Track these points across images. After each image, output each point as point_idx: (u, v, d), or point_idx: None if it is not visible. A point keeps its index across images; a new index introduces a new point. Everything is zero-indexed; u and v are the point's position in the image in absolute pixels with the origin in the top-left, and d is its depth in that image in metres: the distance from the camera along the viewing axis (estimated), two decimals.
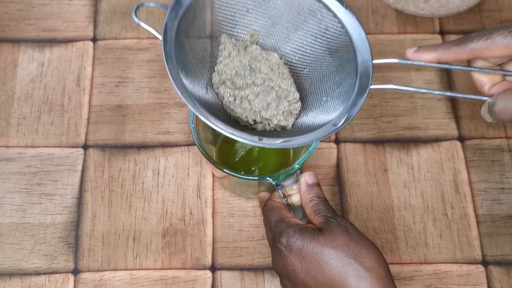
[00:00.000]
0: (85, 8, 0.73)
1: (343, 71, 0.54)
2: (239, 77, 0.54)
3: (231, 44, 0.56)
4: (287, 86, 0.55)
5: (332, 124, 0.51)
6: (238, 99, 0.54)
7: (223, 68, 0.55)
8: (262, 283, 0.60)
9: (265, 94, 0.54)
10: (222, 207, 0.63)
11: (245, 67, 0.55)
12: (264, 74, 0.55)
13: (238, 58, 0.55)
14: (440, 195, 0.64)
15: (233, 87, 0.54)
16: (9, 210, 0.62)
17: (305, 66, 0.57)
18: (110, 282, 0.59)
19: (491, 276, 0.60)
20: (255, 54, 0.55)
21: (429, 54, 0.50)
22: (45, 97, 0.68)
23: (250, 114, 0.54)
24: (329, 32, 0.54)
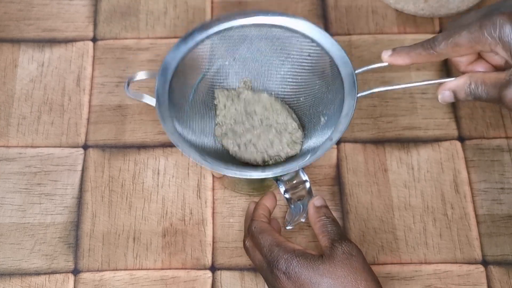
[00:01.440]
0: (85, 8, 0.73)
1: (333, 88, 0.57)
2: (238, 124, 0.59)
3: (224, 97, 0.60)
4: (284, 119, 0.58)
5: (329, 139, 0.54)
6: (243, 146, 0.58)
7: (222, 119, 0.59)
8: (262, 283, 0.60)
9: (266, 134, 0.58)
10: (222, 207, 0.63)
11: (241, 114, 0.59)
12: (260, 115, 0.59)
13: (233, 106, 0.59)
14: (440, 195, 0.64)
15: (235, 136, 0.58)
16: (9, 210, 0.62)
17: (300, 94, 0.60)
18: (110, 282, 0.59)
19: (491, 276, 0.60)
20: (248, 99, 0.59)
21: (404, 59, 0.53)
22: (45, 97, 0.68)
23: (258, 156, 0.58)
24: (312, 57, 0.58)
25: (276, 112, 0.59)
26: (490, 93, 0.50)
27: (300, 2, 0.74)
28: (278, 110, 0.59)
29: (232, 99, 0.59)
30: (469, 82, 0.51)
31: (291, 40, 0.59)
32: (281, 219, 0.62)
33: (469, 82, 0.51)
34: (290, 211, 0.55)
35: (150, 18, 0.73)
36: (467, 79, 0.51)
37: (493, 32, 0.48)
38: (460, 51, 0.50)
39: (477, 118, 0.67)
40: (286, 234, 0.62)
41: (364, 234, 0.62)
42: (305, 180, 0.54)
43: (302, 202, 0.55)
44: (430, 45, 0.51)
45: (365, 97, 0.55)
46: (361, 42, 0.71)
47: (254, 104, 0.59)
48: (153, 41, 0.71)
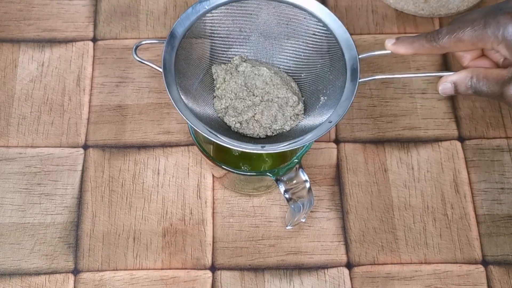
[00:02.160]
0: (85, 8, 0.73)
1: (335, 70, 0.57)
2: (239, 100, 0.58)
3: (222, 71, 0.59)
4: (284, 93, 0.58)
5: (328, 121, 0.54)
6: (244, 123, 0.57)
7: (221, 93, 0.58)
8: (262, 283, 0.60)
9: (269, 109, 0.57)
10: (222, 207, 0.63)
11: (241, 88, 0.58)
12: (261, 89, 0.58)
13: (233, 80, 0.58)
14: (440, 195, 0.64)
15: (236, 113, 0.57)
16: (9, 210, 0.62)
17: (301, 71, 0.60)
18: (110, 282, 0.59)
19: (491, 276, 0.60)
20: (247, 73, 0.59)
21: (406, 49, 0.53)
22: (45, 97, 0.68)
23: (261, 131, 0.57)
24: (317, 36, 0.58)
25: (276, 87, 0.58)
26: (491, 89, 0.50)
27: None
28: (278, 85, 0.58)
29: (231, 72, 0.59)
30: (470, 75, 0.51)
31: (298, 17, 0.58)
32: (281, 219, 0.62)
33: (470, 75, 0.51)
34: (290, 211, 0.55)
35: (150, 18, 0.73)
36: (469, 72, 0.52)
37: (496, 31, 0.48)
38: (462, 46, 0.51)
39: (477, 118, 0.67)
40: (286, 234, 0.62)
41: (364, 234, 0.62)
42: (305, 180, 0.54)
43: (302, 202, 0.55)
44: (434, 37, 0.52)
45: (366, 97, 0.55)
46: (361, 42, 0.71)
47: (254, 78, 0.58)
48: (153, 41, 0.71)
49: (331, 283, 0.60)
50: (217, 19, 0.58)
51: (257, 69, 0.59)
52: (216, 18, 0.58)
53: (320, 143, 0.66)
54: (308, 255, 0.61)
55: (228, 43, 0.60)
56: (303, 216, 0.57)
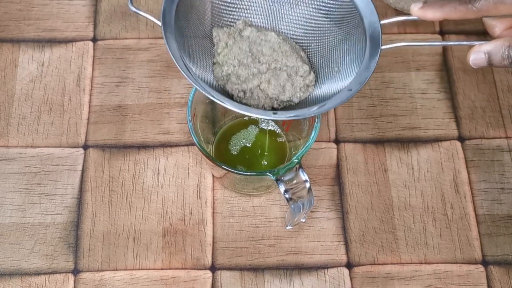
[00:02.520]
0: (85, 8, 0.73)
1: (351, 38, 0.52)
2: (242, 67, 0.53)
3: (225, 34, 0.54)
4: (294, 62, 0.53)
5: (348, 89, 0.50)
6: (248, 92, 0.52)
7: (223, 58, 0.53)
8: (262, 283, 0.60)
9: (276, 78, 0.52)
10: (222, 207, 0.63)
11: (246, 54, 0.53)
12: (268, 57, 0.53)
13: (236, 45, 0.53)
14: (440, 195, 0.64)
15: (239, 81, 0.53)
16: (9, 210, 0.62)
17: (311, 40, 0.55)
18: (110, 282, 0.59)
19: (491, 276, 0.60)
20: (253, 38, 0.54)
21: (435, 12, 0.48)
22: (45, 97, 0.68)
23: (267, 101, 0.52)
24: (332, 1, 0.53)
25: (285, 54, 0.53)
26: None
27: None
28: (287, 52, 0.53)
29: (234, 37, 0.54)
30: (508, 44, 0.46)
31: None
32: (281, 219, 0.62)
33: (508, 44, 0.46)
34: (290, 211, 0.55)
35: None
36: (506, 41, 0.46)
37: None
38: (503, 9, 0.46)
39: (477, 118, 0.67)
40: (286, 234, 0.62)
41: (364, 234, 0.62)
42: (305, 180, 0.54)
43: (302, 202, 0.55)
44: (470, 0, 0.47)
45: (366, 97, 0.55)
46: None
47: (261, 44, 0.53)
48: (153, 41, 0.71)
49: (331, 283, 0.60)
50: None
51: (263, 34, 0.53)
52: None
53: (320, 143, 0.66)
54: (308, 255, 0.61)
55: (232, 5, 0.55)
56: (303, 216, 0.57)
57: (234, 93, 0.52)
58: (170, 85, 0.68)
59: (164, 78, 0.69)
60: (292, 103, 0.53)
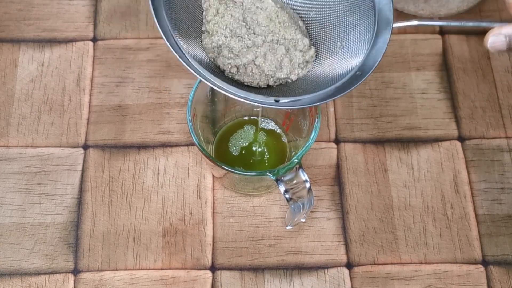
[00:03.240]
0: (85, 8, 0.73)
1: (358, 11, 0.48)
2: (235, 38, 0.48)
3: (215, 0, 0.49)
4: (292, 34, 0.48)
5: (357, 72, 0.45)
6: (242, 68, 0.48)
7: (213, 27, 0.49)
8: (262, 283, 0.60)
9: (273, 53, 0.48)
10: (222, 207, 0.63)
11: (239, 23, 0.48)
12: (264, 27, 0.48)
13: (228, 12, 0.48)
14: (440, 195, 0.64)
15: (232, 55, 0.48)
16: (9, 210, 0.62)
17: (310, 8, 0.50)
18: (110, 282, 0.59)
19: (491, 276, 0.60)
20: (247, 5, 0.48)
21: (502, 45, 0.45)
22: (45, 97, 0.68)
23: (262, 78, 0.48)
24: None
25: (283, 25, 0.48)
26: None
27: None
28: (285, 23, 0.48)
29: (226, 2, 0.48)
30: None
31: None
32: (281, 219, 0.62)
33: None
34: (290, 211, 0.55)
35: (150, 18, 0.73)
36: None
37: None
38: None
39: (477, 118, 0.67)
40: (286, 234, 0.62)
41: (364, 234, 0.62)
42: (305, 180, 0.54)
43: (302, 202, 0.55)
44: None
45: (366, 97, 0.55)
46: None
47: (256, 12, 0.48)
48: (153, 41, 0.71)
49: (331, 283, 0.60)
50: None
51: (259, 1, 0.48)
52: None
53: (320, 143, 0.66)
54: (308, 255, 0.61)
55: None
56: (303, 216, 0.57)
57: (226, 69, 0.48)
58: (170, 85, 0.68)
59: (164, 78, 0.69)
60: (289, 81, 0.49)
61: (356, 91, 0.68)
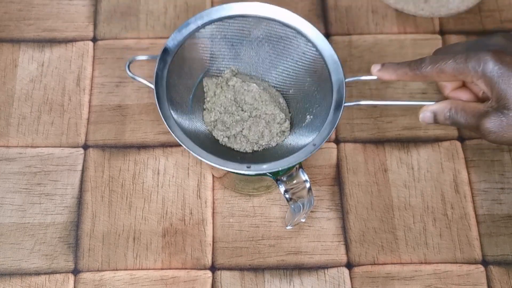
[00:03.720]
0: (85, 8, 0.73)
1: (322, 91, 0.58)
2: (228, 114, 0.59)
3: (213, 84, 0.60)
4: (272, 110, 0.59)
5: (312, 144, 0.54)
6: (232, 137, 0.59)
7: (211, 106, 0.59)
8: (262, 283, 0.60)
9: (256, 125, 0.59)
10: (222, 207, 0.63)
11: (231, 102, 0.59)
12: (250, 105, 0.59)
13: (223, 94, 0.59)
14: (440, 195, 0.64)
15: (225, 127, 0.59)
16: (9, 210, 0.62)
17: (290, 87, 0.61)
18: (110, 282, 0.59)
19: (491, 276, 0.60)
20: (237, 88, 0.60)
21: (390, 75, 0.55)
22: (45, 97, 0.68)
23: (248, 145, 0.59)
24: (307, 56, 0.59)
25: (264, 103, 0.59)
26: (468, 121, 0.52)
27: (300, 2, 0.74)
28: (266, 101, 0.59)
29: (221, 86, 0.60)
30: (449, 107, 0.53)
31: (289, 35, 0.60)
32: (281, 219, 0.62)
33: (449, 107, 0.53)
34: (290, 211, 0.55)
35: (150, 18, 0.73)
36: (448, 104, 0.54)
37: (477, 66, 0.50)
38: (444, 77, 0.53)
39: None
40: (286, 234, 0.62)
41: (364, 234, 0.62)
42: (305, 180, 0.54)
43: (302, 202, 0.55)
44: (417, 66, 0.53)
45: (365, 97, 0.55)
46: (361, 42, 0.71)
47: (244, 93, 0.59)
48: (153, 41, 0.71)
49: (331, 283, 0.60)
50: (209, 34, 0.59)
51: (247, 84, 0.59)
52: (208, 33, 0.59)
53: None
54: (308, 255, 0.61)
55: (220, 57, 0.61)
56: (303, 216, 0.57)
57: (220, 139, 0.59)
58: None
59: None
60: (270, 146, 0.59)
61: (356, 91, 0.68)
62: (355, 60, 0.70)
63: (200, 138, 0.57)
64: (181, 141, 0.54)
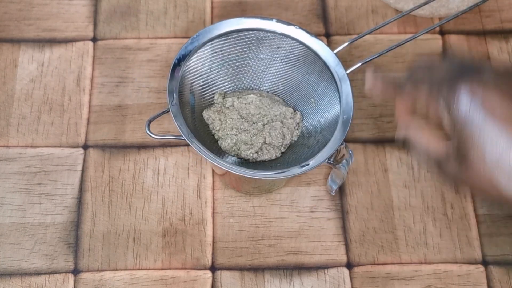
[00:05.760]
0: (85, 8, 0.73)
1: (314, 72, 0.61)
2: (244, 132, 0.60)
3: (215, 113, 0.61)
4: (279, 109, 0.61)
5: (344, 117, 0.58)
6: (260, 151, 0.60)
7: (223, 133, 0.60)
8: (262, 283, 0.60)
9: (274, 130, 0.60)
10: (222, 207, 0.63)
11: (240, 121, 0.60)
12: (257, 115, 0.61)
13: (228, 117, 0.60)
14: (440, 195, 0.64)
15: (249, 145, 0.60)
16: (9, 210, 0.62)
17: (277, 84, 0.63)
18: (110, 282, 0.59)
19: (491, 276, 0.60)
20: (237, 105, 0.61)
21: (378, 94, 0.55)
22: (45, 97, 0.68)
23: (276, 151, 0.61)
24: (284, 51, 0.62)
25: (269, 107, 0.61)
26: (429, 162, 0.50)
27: (300, 2, 0.74)
28: (269, 104, 0.61)
29: (222, 111, 0.61)
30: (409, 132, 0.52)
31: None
32: (281, 219, 0.62)
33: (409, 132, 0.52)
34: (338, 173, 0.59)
35: (150, 18, 0.73)
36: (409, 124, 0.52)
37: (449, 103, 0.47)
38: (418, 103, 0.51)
39: None
40: (286, 234, 0.62)
41: (364, 234, 0.62)
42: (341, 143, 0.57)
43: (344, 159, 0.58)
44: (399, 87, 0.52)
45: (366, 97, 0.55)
46: (361, 42, 0.71)
47: (246, 107, 0.61)
48: (153, 41, 0.71)
49: (331, 283, 0.60)
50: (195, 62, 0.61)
51: (244, 98, 0.61)
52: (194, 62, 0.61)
53: None
54: (308, 255, 0.61)
55: (204, 83, 0.62)
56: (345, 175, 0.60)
57: (250, 157, 0.60)
58: None
59: (164, 78, 0.69)
60: (294, 142, 0.61)
61: (356, 91, 0.68)
62: (355, 60, 0.70)
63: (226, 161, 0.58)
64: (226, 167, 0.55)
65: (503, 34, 0.72)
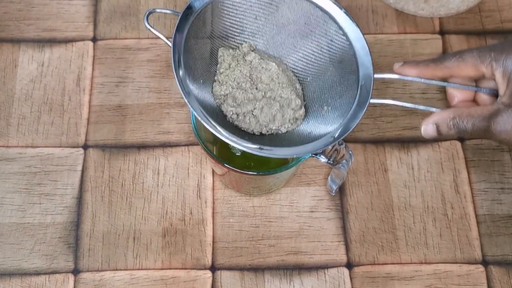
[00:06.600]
0: (85, 8, 0.73)
1: (345, 83, 0.55)
2: (240, 90, 0.56)
3: (229, 56, 0.57)
4: (288, 94, 0.56)
5: (331, 136, 0.52)
6: (241, 115, 0.55)
7: (224, 78, 0.56)
8: (262, 283, 0.60)
9: (269, 107, 0.55)
10: (222, 207, 0.63)
11: (246, 78, 0.56)
12: (265, 85, 0.56)
13: (238, 68, 0.56)
14: (440, 195, 0.64)
15: (235, 104, 0.55)
16: (9, 210, 0.62)
17: (308, 74, 0.58)
18: (110, 282, 0.59)
19: (491, 276, 0.60)
20: (255, 64, 0.56)
21: (411, 70, 0.53)
22: (45, 97, 0.68)
23: (257, 127, 0.55)
24: (334, 44, 0.56)
25: (281, 86, 0.56)
26: (477, 125, 0.49)
27: None
28: (283, 84, 0.56)
29: (238, 60, 0.57)
30: (452, 115, 0.50)
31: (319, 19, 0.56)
32: (281, 219, 0.62)
33: (452, 115, 0.50)
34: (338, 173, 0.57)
35: (150, 18, 0.72)
36: (451, 112, 0.50)
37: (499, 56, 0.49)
38: (464, 68, 0.51)
39: None
40: (286, 234, 0.62)
41: (364, 234, 0.62)
42: (340, 143, 0.55)
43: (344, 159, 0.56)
44: (440, 59, 0.52)
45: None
46: None
47: (261, 71, 0.56)
48: (153, 41, 0.71)
49: (331, 283, 0.60)
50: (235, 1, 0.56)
51: (265, 62, 0.56)
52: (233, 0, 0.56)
53: None
54: (308, 255, 0.61)
55: (241, 28, 0.57)
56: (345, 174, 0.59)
57: (228, 114, 0.55)
58: (170, 85, 0.68)
59: (164, 78, 0.69)
60: (280, 132, 0.56)
61: None
62: None
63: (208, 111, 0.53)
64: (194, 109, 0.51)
65: (503, 34, 0.72)
